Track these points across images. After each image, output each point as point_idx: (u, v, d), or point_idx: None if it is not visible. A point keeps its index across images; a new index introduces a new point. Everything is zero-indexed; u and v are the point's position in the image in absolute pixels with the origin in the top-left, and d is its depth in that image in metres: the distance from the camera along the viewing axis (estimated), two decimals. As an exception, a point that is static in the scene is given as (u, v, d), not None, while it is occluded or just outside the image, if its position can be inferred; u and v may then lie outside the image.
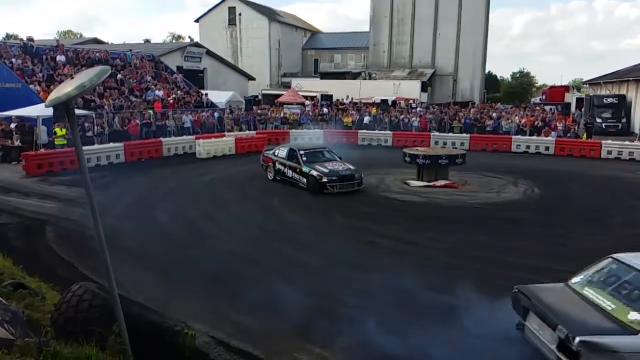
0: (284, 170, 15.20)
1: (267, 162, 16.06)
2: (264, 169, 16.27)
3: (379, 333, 6.08)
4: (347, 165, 14.79)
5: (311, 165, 14.37)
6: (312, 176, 14.07)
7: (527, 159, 21.68)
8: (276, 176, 15.55)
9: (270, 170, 15.86)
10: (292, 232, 10.68)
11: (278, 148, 16.17)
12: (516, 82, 71.66)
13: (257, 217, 11.84)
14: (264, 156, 16.47)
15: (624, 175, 17.84)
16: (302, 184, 14.44)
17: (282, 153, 15.53)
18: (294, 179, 14.78)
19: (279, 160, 15.44)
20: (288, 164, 15.02)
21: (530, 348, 5.33)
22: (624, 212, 12.67)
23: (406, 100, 40.53)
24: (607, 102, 32.34)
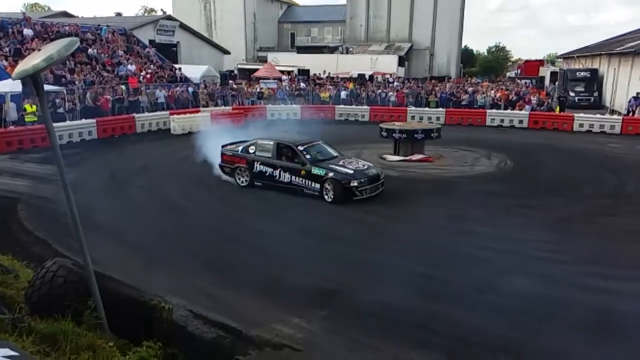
0: (272, 173, 11.42)
1: (235, 163, 11.99)
2: (227, 172, 12.25)
3: (357, 303, 6.24)
4: (360, 161, 11.92)
5: (324, 166, 10.97)
6: (335, 180, 10.63)
7: (501, 133, 21.96)
8: (254, 181, 11.73)
9: (242, 174, 11.89)
10: (267, 205, 10.72)
11: (250, 143, 12.04)
12: (492, 56, 72.01)
13: (236, 194, 11.80)
14: (227, 155, 12.21)
15: (595, 147, 18.23)
16: (310, 191, 10.91)
17: (263, 149, 11.72)
18: (294, 184, 11.16)
19: (260, 160, 11.59)
20: (281, 164, 11.32)
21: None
22: (594, 183, 13.02)
23: (383, 75, 40.46)
24: (580, 75, 32.81)
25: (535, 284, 6.78)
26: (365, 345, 5.31)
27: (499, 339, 5.48)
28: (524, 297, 6.44)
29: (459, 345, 5.33)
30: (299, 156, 11.21)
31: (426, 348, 5.26)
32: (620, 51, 28.36)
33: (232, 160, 12.14)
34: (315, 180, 10.87)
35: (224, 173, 12.31)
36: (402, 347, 5.27)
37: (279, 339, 5.29)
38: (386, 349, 5.23)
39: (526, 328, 5.69)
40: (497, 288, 6.72)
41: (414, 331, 5.61)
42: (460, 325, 5.73)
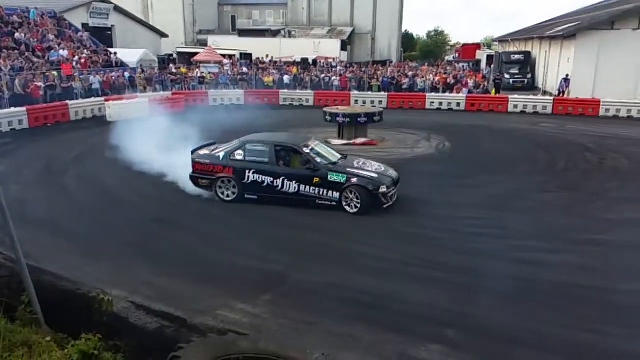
0: (271, 183, 9.27)
1: (215, 173, 9.54)
2: (203, 184, 9.74)
3: (300, 285, 6.32)
4: (370, 161, 10.16)
5: (341, 170, 9.21)
6: (360, 187, 8.92)
7: (440, 115, 22.60)
8: (245, 193, 9.46)
9: (226, 186, 9.55)
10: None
11: (234, 146, 9.71)
12: (431, 40, 73.56)
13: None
14: (201, 163, 9.68)
15: (528, 127, 19.12)
16: (325, 201, 9.13)
17: (256, 154, 9.51)
18: (303, 194, 9.20)
19: (253, 168, 9.36)
20: (285, 171, 9.25)
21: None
22: (526, 161, 13.68)
23: (326, 59, 40.51)
24: (514, 58, 34.09)
25: (471, 259, 7.11)
26: (312, 324, 5.40)
27: (441, 313, 5.71)
28: (461, 271, 6.75)
29: (405, 320, 5.52)
30: (307, 160, 9.23)
31: (372, 324, 5.41)
32: (550, 34, 29.67)
33: (209, 170, 9.54)
34: (334, 188, 9.02)
35: (198, 185, 9.73)
36: (347, 324, 5.39)
37: (224, 325, 5.29)
38: (334, 327, 5.35)
39: (464, 301, 5.96)
40: (437, 263, 7.00)
41: (362, 309, 5.76)
42: (404, 301, 5.93)
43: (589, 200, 10.18)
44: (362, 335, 5.17)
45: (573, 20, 32.27)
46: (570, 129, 18.67)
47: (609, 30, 25.06)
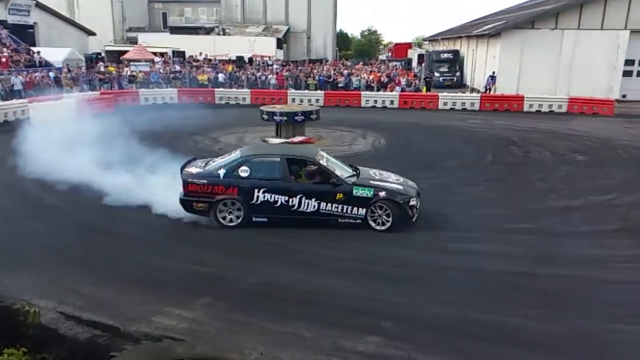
0: (286, 203, 8.10)
1: (215, 195, 8.15)
2: (200, 209, 8.26)
3: (237, 286, 6.28)
4: (385, 172, 9.29)
5: (365, 183, 8.36)
6: (391, 201, 8.13)
7: (375, 113, 23.06)
8: (253, 216, 8.20)
9: (228, 210, 8.21)
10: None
11: (236, 162, 8.37)
12: (365, 39, 74.86)
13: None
14: (197, 184, 8.18)
15: (457, 124, 19.90)
16: (349, 220, 8.19)
17: (265, 169, 8.29)
18: (323, 213, 8.15)
19: (264, 186, 8.10)
20: (303, 188, 8.16)
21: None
22: (456, 156, 14.24)
23: (262, 57, 40.29)
24: (443, 57, 35.36)
25: (404, 251, 7.34)
26: (251, 325, 5.38)
27: (377, 305, 5.84)
28: (392, 263, 6.99)
29: (343, 314, 5.62)
30: (327, 174, 8.27)
31: (311, 321, 5.46)
32: (477, 34, 31.02)
33: (207, 191, 8.12)
34: (360, 204, 8.11)
35: (191, 211, 8.26)
36: (287, 323, 5.42)
37: (159, 332, 5.16)
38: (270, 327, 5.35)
39: (399, 293, 6.15)
40: (369, 256, 7.18)
41: (301, 307, 5.80)
42: (340, 296, 6.03)
43: (515, 192, 10.75)
44: (302, 333, 5.21)
45: (498, 20, 33.89)
46: (497, 124, 19.61)
47: (531, 29, 26.53)
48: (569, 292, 6.29)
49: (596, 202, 10.00)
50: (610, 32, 25.67)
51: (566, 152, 14.66)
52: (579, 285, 6.49)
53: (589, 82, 25.33)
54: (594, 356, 5.00)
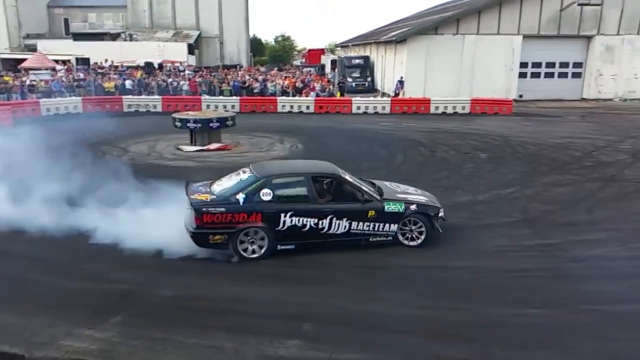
0: (315, 225, 7.35)
1: (236, 224, 7.11)
2: (217, 242, 7.16)
3: (152, 302, 6.06)
4: (401, 185, 8.95)
5: (393, 197, 7.98)
6: (423, 215, 7.83)
7: (291, 118, 23.23)
8: (279, 244, 7.32)
9: (250, 240, 7.23)
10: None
11: (255, 184, 7.32)
12: (279, 45, 75.13)
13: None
14: (213, 214, 7.07)
15: (370, 127, 20.51)
16: (381, 237, 7.72)
17: (288, 190, 7.52)
18: (354, 233, 7.57)
19: (289, 210, 7.25)
20: (333, 209, 7.42)
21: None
22: (371, 158, 14.68)
23: (173, 63, 39.22)
24: (355, 63, 36.29)
25: (314, 253, 7.43)
26: (169, 341, 5.22)
27: (297, 308, 5.90)
28: (305, 265, 7.10)
29: (263, 321, 5.60)
30: (356, 190, 7.68)
31: (232, 331, 5.39)
32: (385, 40, 32.17)
33: (227, 221, 7.08)
34: (392, 220, 7.67)
35: (206, 245, 7.19)
36: (207, 335, 5.32)
37: (69, 355, 4.87)
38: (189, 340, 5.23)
39: (320, 293, 6.26)
40: (283, 260, 7.20)
41: (220, 317, 5.71)
42: (260, 302, 6.02)
43: (424, 189, 11.19)
44: (223, 344, 5.13)
45: (405, 26, 35.35)
46: (406, 126, 20.45)
47: (435, 35, 27.95)
48: (477, 282, 6.70)
49: (499, 196, 10.73)
50: (506, 37, 27.71)
51: (470, 150, 15.60)
52: (486, 275, 6.92)
53: (489, 83, 27.15)
54: (507, 341, 5.32)
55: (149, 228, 7.48)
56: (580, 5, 27.51)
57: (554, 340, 5.33)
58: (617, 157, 14.43)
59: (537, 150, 15.37)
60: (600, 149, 15.50)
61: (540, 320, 5.73)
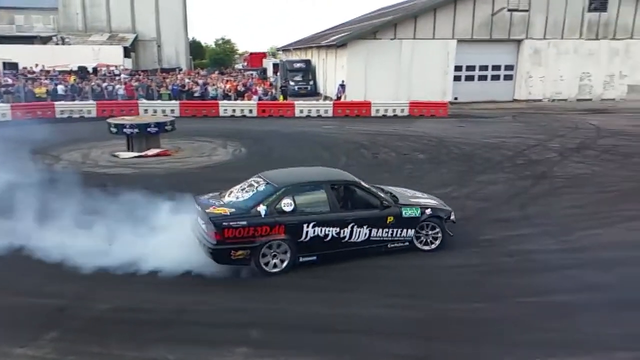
0: (337, 235, 7.19)
1: (258, 238, 6.80)
2: (239, 258, 6.80)
3: (90, 316, 5.83)
4: (406, 189, 8.96)
5: (411, 202, 8.00)
6: (438, 218, 7.89)
7: (234, 122, 22.98)
8: (301, 256, 7.06)
9: (272, 253, 6.94)
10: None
11: (273, 195, 7.04)
12: (220, 48, 74.24)
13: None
14: (235, 228, 6.70)
15: (313, 130, 20.63)
16: (399, 243, 7.69)
17: (308, 200, 7.26)
18: (374, 241, 7.50)
19: (312, 220, 7.04)
20: (354, 217, 7.31)
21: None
22: (314, 161, 14.72)
23: (108, 66, 37.85)
24: (296, 66, 36.39)
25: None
26: (108, 356, 5.03)
27: (243, 315, 5.84)
28: (251, 270, 6.97)
29: (208, 330, 5.52)
30: (374, 197, 7.61)
31: (174, 342, 5.27)
32: (326, 44, 32.48)
33: (249, 235, 6.75)
34: (409, 225, 7.65)
35: (227, 261, 6.84)
36: (148, 349, 5.16)
37: (-1, 376, 4.61)
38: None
39: (264, 298, 6.24)
40: (219, 266, 6.98)
41: (161, 329, 5.56)
42: (199, 312, 5.92)
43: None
44: (165, 356, 4.99)
45: (345, 30, 35.86)
46: (349, 129, 20.73)
47: (374, 40, 28.50)
48: (422, 280, 6.91)
49: (438, 195, 11.02)
50: (441, 41, 28.67)
51: (409, 151, 16.02)
52: (430, 272, 7.13)
53: (426, 86, 28.00)
54: (453, 336, 5.49)
55: (85, 239, 7.19)
56: (510, 10, 28.90)
57: (497, 333, 5.56)
58: (546, 155, 15.25)
59: (472, 150, 15.99)
60: (530, 147, 16.33)
61: (482, 314, 5.97)
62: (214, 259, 6.75)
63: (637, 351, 5.20)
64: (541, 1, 29.04)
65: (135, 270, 6.82)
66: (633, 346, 5.28)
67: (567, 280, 6.88)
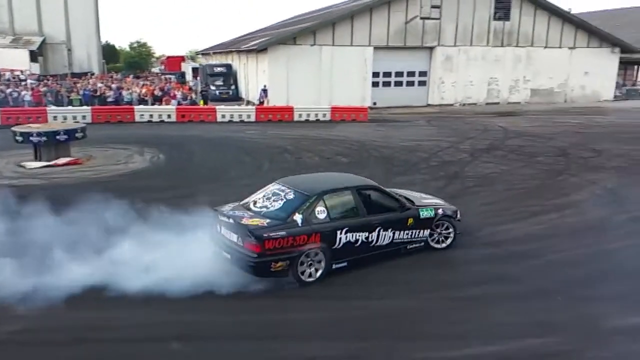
0: (366, 240, 7.29)
1: (296, 247, 6.68)
2: (279, 270, 6.65)
3: None
4: (406, 190, 9.20)
5: (423, 203, 8.30)
6: (449, 217, 8.27)
7: (151, 128, 22.26)
8: (334, 263, 7.05)
9: (309, 262, 6.87)
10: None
11: (306, 202, 6.96)
12: (135, 52, 71.52)
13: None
14: (275, 238, 6.54)
15: (236, 135, 20.42)
16: (417, 244, 7.96)
17: (339, 206, 7.27)
18: (396, 243, 7.70)
19: (344, 226, 7.07)
20: (380, 220, 7.43)
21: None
22: (237, 166, 14.66)
23: (12, 71, 35.30)
24: (217, 71, 35.79)
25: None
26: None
27: (164, 327, 5.68)
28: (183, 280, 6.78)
29: (124, 346, 5.31)
30: (394, 200, 7.78)
31: None
32: (247, 48, 32.29)
33: (289, 245, 6.62)
34: (426, 226, 7.93)
35: (267, 274, 6.67)
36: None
37: None
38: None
39: (185, 310, 6.08)
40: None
41: (72, 347, 5.27)
42: (114, 328, 5.70)
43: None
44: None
45: (265, 35, 35.80)
46: (272, 134, 20.73)
47: (294, 45, 28.69)
48: (342, 279, 7.05)
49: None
50: (359, 48, 29.41)
51: (332, 155, 16.30)
52: (350, 272, 7.25)
53: (347, 92, 28.57)
54: (373, 332, 5.68)
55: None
56: (422, 19, 30.22)
57: (410, 327, 5.81)
58: (458, 156, 16.10)
59: (391, 153, 16.54)
60: (444, 149, 17.16)
61: (396, 310, 6.22)
62: (253, 273, 6.57)
63: (546, 337, 5.62)
64: (451, 10, 30.61)
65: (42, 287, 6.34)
66: (541, 333, 5.69)
67: (480, 274, 7.31)
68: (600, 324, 5.87)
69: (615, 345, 5.49)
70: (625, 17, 47.00)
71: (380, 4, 29.41)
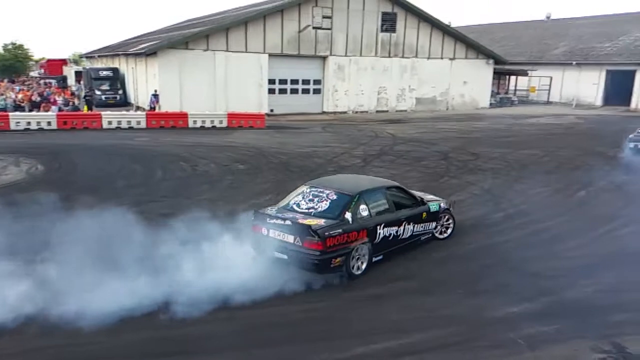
0: (396, 234, 8.05)
1: (351, 243, 7.25)
2: (338, 263, 7.12)
3: None
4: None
5: (429, 198, 9.44)
6: (447, 209, 9.41)
7: (29, 137, 20.48)
8: (374, 257, 7.65)
9: (359, 255, 7.43)
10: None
11: (350, 201, 7.51)
12: (10, 54, 65.39)
13: None
14: (334, 236, 7.02)
15: (124, 142, 19.42)
16: (427, 236, 8.95)
17: (376, 204, 7.86)
18: (415, 236, 8.58)
19: (382, 222, 7.76)
20: (405, 215, 8.25)
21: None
22: (126, 176, 13.94)
23: None
24: (103, 74, 33.82)
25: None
26: None
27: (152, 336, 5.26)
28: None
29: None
30: (412, 197, 8.73)
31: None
32: (134, 52, 30.87)
33: (345, 241, 7.16)
34: (434, 218, 8.97)
35: (327, 270, 7.12)
36: None
37: None
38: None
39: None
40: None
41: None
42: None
43: (182, 205, 11.04)
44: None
45: (155, 39, 34.51)
46: (164, 141, 20.00)
47: (186, 50, 27.93)
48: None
49: (256, 205, 11.24)
50: (254, 54, 29.38)
51: (229, 162, 16.09)
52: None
53: (243, 98, 28.40)
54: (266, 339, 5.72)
55: None
56: (315, 28, 30.93)
57: (308, 330, 5.93)
58: (352, 161, 16.69)
59: (288, 160, 16.73)
60: (339, 155, 17.70)
61: (292, 315, 6.41)
62: (316, 270, 7.03)
63: (451, 328, 6.10)
64: (341, 21, 31.66)
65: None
66: (443, 324, 6.21)
67: (378, 273, 7.67)
68: (484, 315, 6.44)
69: (494, 334, 6.05)
70: (500, 31, 51.88)
71: (273, 11, 29.65)
